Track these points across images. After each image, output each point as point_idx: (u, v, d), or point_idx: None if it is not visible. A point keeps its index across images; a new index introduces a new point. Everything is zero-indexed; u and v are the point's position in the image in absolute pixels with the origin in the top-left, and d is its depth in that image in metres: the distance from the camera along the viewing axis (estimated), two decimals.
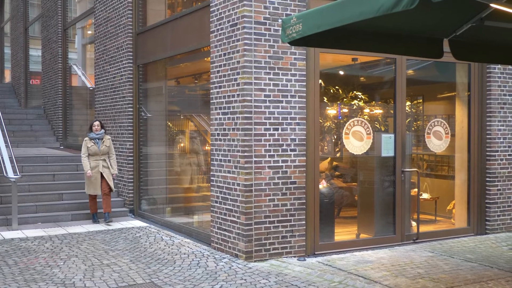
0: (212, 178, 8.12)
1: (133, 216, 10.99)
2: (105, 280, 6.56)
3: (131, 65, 11.11)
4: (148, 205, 11.13)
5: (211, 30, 8.10)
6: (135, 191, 11.13)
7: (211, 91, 8.11)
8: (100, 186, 10.12)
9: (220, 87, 7.87)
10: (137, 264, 7.27)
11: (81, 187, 11.47)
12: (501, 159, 9.35)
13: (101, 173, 10.13)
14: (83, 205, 10.79)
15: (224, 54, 7.74)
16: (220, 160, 7.88)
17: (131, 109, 11.10)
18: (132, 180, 11.12)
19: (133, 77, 11.11)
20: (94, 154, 10.13)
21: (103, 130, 10.32)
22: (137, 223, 10.24)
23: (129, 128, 11.11)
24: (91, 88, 13.78)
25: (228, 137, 7.67)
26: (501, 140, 9.35)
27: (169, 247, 8.19)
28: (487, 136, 9.30)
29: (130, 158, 11.13)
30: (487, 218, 9.31)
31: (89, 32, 15.07)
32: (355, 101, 9.99)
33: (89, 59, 15.00)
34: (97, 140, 10.17)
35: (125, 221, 10.44)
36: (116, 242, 8.63)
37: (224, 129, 7.77)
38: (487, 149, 9.30)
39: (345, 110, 10.16)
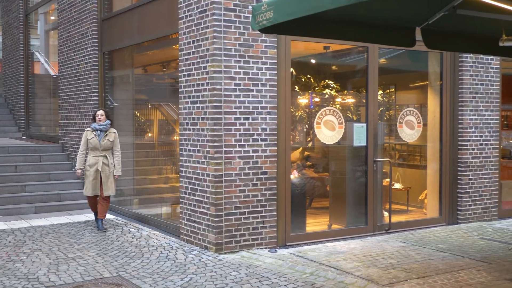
0: (181, 168, 8.10)
1: None
2: (71, 274, 6.52)
3: (97, 52, 10.97)
4: (114, 197, 11.04)
5: (179, 16, 8.05)
6: None
7: (180, 79, 8.07)
8: (100, 188, 8.83)
9: (189, 75, 7.83)
10: (104, 257, 7.23)
11: (45, 179, 11.36)
12: (473, 149, 9.53)
13: (100, 173, 8.83)
14: (47, 197, 10.67)
15: (193, 42, 7.70)
16: (189, 150, 7.86)
17: (97, 98, 10.98)
18: None
19: (99, 64, 10.98)
20: (93, 148, 8.81)
21: (108, 121, 8.92)
22: None
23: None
24: (54, 76, 13.58)
25: (197, 127, 7.65)
26: (473, 129, 9.52)
27: (137, 240, 8.16)
28: (459, 126, 9.46)
29: None
30: (459, 208, 9.49)
31: (52, 17, 14.83)
32: (327, 90, 10.05)
33: (53, 46, 14.77)
34: (100, 132, 8.85)
35: (91, 213, 10.33)
36: (82, 235, 8.57)
37: (193, 119, 7.75)
38: (459, 138, 9.47)
39: (317, 99, 10.21)
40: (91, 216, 10.03)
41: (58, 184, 11.29)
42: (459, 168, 9.48)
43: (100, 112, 8.95)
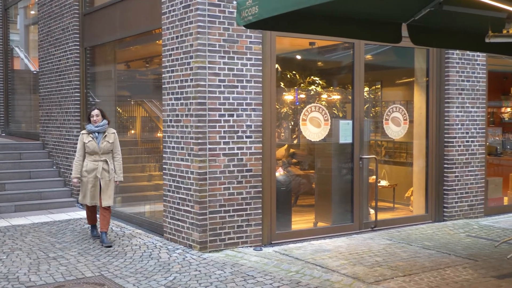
0: (164, 166, 8.09)
1: (81, 206, 10.83)
2: (52, 274, 6.48)
3: (78, 47, 10.91)
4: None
5: (162, 11, 8.02)
6: None
7: (163, 75, 8.05)
8: (99, 197, 7.96)
9: (172, 71, 7.82)
10: (86, 257, 7.20)
11: (26, 177, 11.27)
12: (459, 146, 9.61)
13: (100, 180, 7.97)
14: (27, 196, 10.59)
15: (177, 37, 7.68)
16: (173, 147, 7.85)
17: (78, 94, 10.92)
18: None
19: (80, 60, 10.92)
20: (92, 152, 7.92)
21: (105, 121, 8.05)
22: (85, 213, 10.09)
23: (76, 114, 10.93)
24: (35, 72, 13.48)
25: (181, 124, 7.64)
26: (459, 126, 9.60)
27: (119, 239, 8.14)
28: (445, 123, 9.53)
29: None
30: (445, 205, 9.57)
31: (33, 12, 14.71)
32: (313, 87, 10.08)
33: (33, 41, 14.65)
34: (97, 134, 7.98)
35: (72, 211, 10.30)
36: (63, 234, 8.52)
37: (177, 115, 7.73)
38: (445, 135, 9.54)
39: (303, 96, 10.24)
40: (72, 214, 9.98)
41: (39, 182, 11.22)
42: (445, 165, 9.55)
43: (95, 112, 8.02)
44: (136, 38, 9.88)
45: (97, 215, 8.25)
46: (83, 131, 8.09)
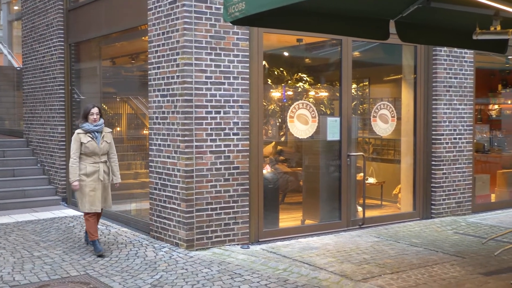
0: (150, 163, 8.07)
1: (66, 204, 10.81)
2: (36, 273, 6.45)
3: (62, 43, 10.85)
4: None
5: (148, 7, 8.00)
6: (67, 178, 10.90)
7: (149, 72, 8.03)
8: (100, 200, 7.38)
9: (158, 68, 7.80)
10: (71, 256, 7.18)
11: (9, 174, 11.20)
12: (447, 143, 9.68)
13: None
14: (11, 194, 10.53)
15: (163, 33, 7.67)
16: (159, 144, 7.83)
17: (63, 91, 10.86)
18: (64, 167, 10.90)
19: (65, 56, 10.86)
20: (92, 153, 7.28)
21: (102, 120, 7.47)
22: (71, 212, 10.08)
23: (61, 111, 10.87)
24: (18, 68, 13.40)
25: (168, 121, 7.63)
26: (447, 123, 9.66)
27: (105, 237, 8.11)
28: (433, 120, 9.59)
29: (62, 143, 10.90)
30: (433, 202, 9.63)
31: (16, 7, 14.61)
32: (300, 84, 10.09)
33: (16, 37, 14.58)
34: (96, 133, 7.36)
35: (57, 210, 10.25)
36: (48, 232, 8.48)
37: (163, 112, 7.72)
38: (433, 132, 9.60)
39: (290, 93, 10.25)
40: (57, 213, 9.94)
41: (23, 180, 11.15)
42: (433, 162, 9.61)
43: (95, 110, 7.35)
44: (121, 34, 9.84)
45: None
46: (79, 130, 7.33)
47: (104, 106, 10.89)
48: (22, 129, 12.68)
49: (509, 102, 12.85)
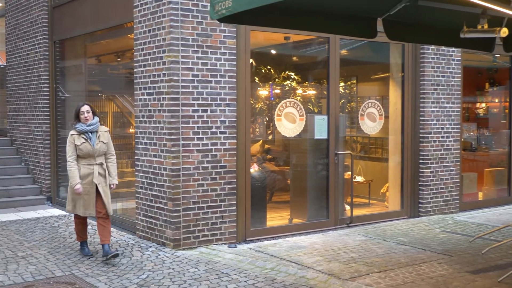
0: (136, 162, 8.05)
1: (51, 204, 10.75)
2: (21, 273, 6.42)
3: (47, 41, 10.79)
4: (67, 192, 10.88)
5: (134, 4, 7.97)
6: (52, 177, 10.88)
7: (135, 70, 8.01)
8: (95, 205, 6.99)
9: (144, 66, 7.78)
10: (56, 256, 7.15)
11: None
12: (434, 141, 9.73)
13: (96, 186, 6.98)
14: None
15: (149, 31, 7.65)
16: (145, 143, 7.82)
17: (47, 89, 10.80)
18: (49, 166, 10.86)
19: (49, 54, 10.81)
20: (86, 155, 6.91)
21: (97, 118, 7.07)
22: (56, 211, 10.03)
23: (45, 109, 10.82)
24: (2, 66, 13.30)
25: (154, 119, 7.61)
26: (434, 122, 9.72)
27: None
28: (421, 118, 9.64)
29: (47, 141, 10.85)
30: (420, 201, 9.69)
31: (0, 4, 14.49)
32: (288, 82, 10.11)
33: (0, 34, 14.44)
34: (90, 134, 6.96)
35: (42, 209, 10.20)
36: (33, 232, 8.44)
37: (150, 111, 7.70)
38: (421, 131, 9.66)
39: (277, 91, 10.27)
40: (42, 212, 9.88)
41: (7, 179, 11.07)
42: (420, 161, 9.67)
43: (86, 108, 6.96)
44: (107, 31, 9.80)
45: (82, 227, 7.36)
46: (72, 132, 6.97)
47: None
48: (6, 128, 12.59)
49: (496, 100, 12.96)
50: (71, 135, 6.95)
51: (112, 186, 7.12)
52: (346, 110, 10.71)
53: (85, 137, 6.90)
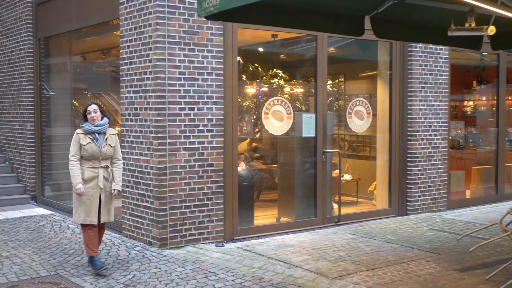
0: (123, 161, 8.02)
1: (35, 203, 10.69)
2: (5, 273, 6.38)
3: (31, 38, 10.72)
4: (52, 191, 10.85)
5: (120, 1, 7.94)
6: (37, 176, 10.82)
7: (121, 67, 7.98)
8: (99, 210, 6.53)
9: (131, 63, 7.75)
10: (41, 255, 7.11)
11: None
12: (422, 139, 9.79)
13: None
14: None
15: (135, 28, 7.62)
16: (132, 141, 7.80)
17: (32, 87, 10.74)
18: (33, 164, 10.79)
19: (34, 51, 10.74)
20: (91, 157, 6.45)
21: (106, 119, 6.58)
22: (40, 210, 9.98)
23: (30, 107, 10.75)
24: None
25: (140, 117, 7.59)
26: (422, 120, 9.77)
27: (76, 236, 8.05)
28: (408, 116, 9.69)
29: (31, 140, 10.79)
30: (408, 199, 9.74)
31: None
32: (275, 80, 10.13)
33: None
34: (97, 135, 6.50)
35: (26, 209, 10.14)
36: (17, 232, 8.39)
37: (136, 109, 7.68)
38: (408, 129, 9.70)
39: (265, 89, 10.28)
40: (26, 212, 9.83)
41: None
42: (408, 159, 9.72)
43: (93, 107, 6.49)
44: (92, 28, 9.76)
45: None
46: (79, 130, 6.52)
47: (74, 102, 10.80)
48: None
49: (484, 98, 13.06)
50: (76, 133, 6.52)
51: (113, 191, 6.57)
52: (334, 108, 10.74)
53: (91, 137, 6.46)
